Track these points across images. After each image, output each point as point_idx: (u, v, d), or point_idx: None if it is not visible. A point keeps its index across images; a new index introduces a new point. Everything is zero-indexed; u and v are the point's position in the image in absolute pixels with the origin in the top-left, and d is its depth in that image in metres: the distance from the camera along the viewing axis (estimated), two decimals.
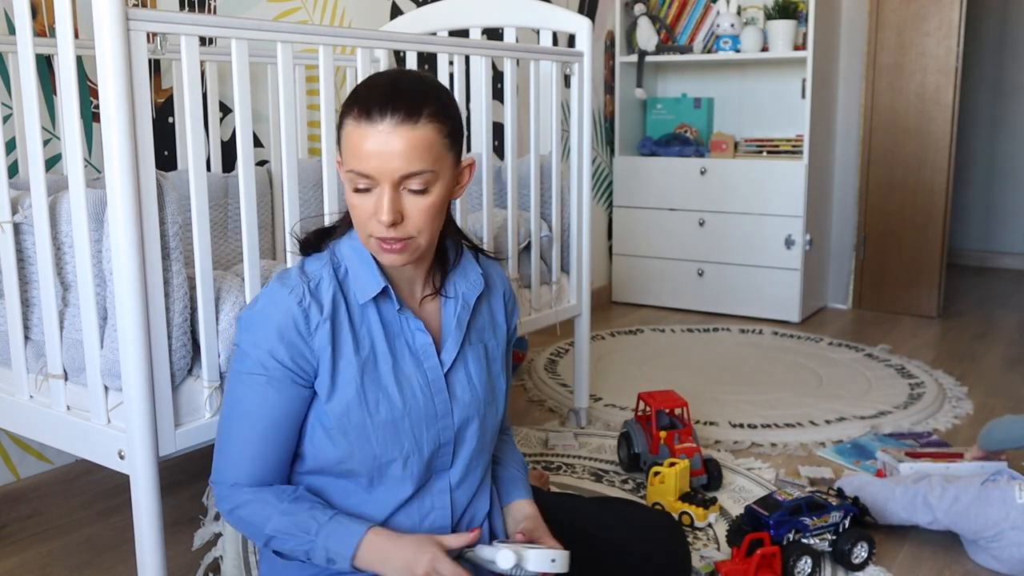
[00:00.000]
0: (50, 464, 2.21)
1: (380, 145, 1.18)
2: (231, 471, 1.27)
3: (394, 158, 1.18)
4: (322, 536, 1.21)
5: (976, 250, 5.61)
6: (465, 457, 1.35)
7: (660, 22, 4.23)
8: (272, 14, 2.66)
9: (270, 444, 1.26)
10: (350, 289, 1.28)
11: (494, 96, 3.35)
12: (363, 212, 1.22)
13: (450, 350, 1.34)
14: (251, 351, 1.24)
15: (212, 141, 2.35)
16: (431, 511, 1.33)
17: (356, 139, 1.20)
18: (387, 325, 1.30)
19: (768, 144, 4.10)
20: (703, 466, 2.22)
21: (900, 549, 1.96)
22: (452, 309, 1.35)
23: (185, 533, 1.98)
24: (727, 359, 3.42)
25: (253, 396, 1.24)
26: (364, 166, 1.19)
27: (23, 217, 1.61)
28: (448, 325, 1.34)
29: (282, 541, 1.24)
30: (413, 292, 1.34)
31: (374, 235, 1.22)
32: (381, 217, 1.19)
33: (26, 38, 1.50)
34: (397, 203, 1.20)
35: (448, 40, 2.05)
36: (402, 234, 1.21)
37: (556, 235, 2.51)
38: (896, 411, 2.83)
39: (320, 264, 1.29)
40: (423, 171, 1.20)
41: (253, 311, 1.26)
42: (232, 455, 1.27)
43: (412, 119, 1.18)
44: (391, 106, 1.18)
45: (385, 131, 1.18)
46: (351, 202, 1.24)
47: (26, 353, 1.66)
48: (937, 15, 3.91)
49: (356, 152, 1.20)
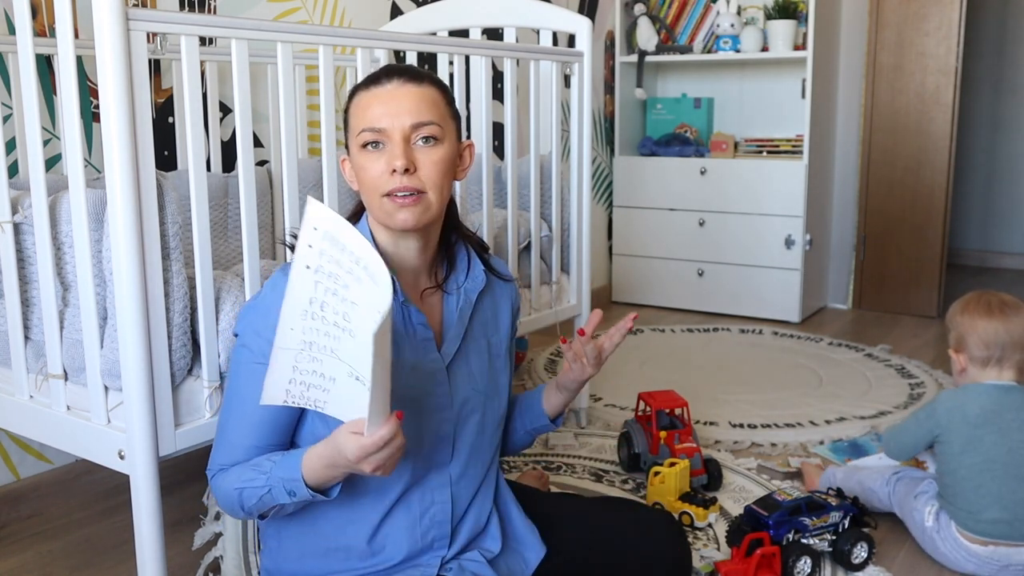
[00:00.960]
0: (50, 464, 2.21)
1: (389, 99, 1.24)
2: (226, 458, 1.28)
3: (403, 111, 1.24)
4: (275, 471, 1.21)
5: (976, 250, 5.61)
6: (465, 452, 1.35)
7: (660, 22, 4.23)
8: (272, 14, 2.66)
9: (266, 434, 1.26)
10: None
11: (494, 96, 3.35)
12: (374, 171, 1.24)
13: (452, 343, 1.34)
14: (251, 340, 1.25)
15: (212, 141, 2.35)
16: (431, 505, 1.33)
17: (365, 102, 1.26)
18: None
19: (768, 144, 4.10)
20: (703, 466, 2.22)
21: (900, 549, 1.96)
22: (454, 303, 1.36)
23: (185, 533, 1.97)
24: (727, 359, 3.42)
25: (252, 386, 1.23)
26: (375, 121, 1.23)
27: (23, 217, 1.61)
28: (450, 319, 1.35)
29: (249, 493, 1.23)
30: (416, 285, 1.34)
31: (387, 191, 1.23)
32: (395, 163, 1.22)
33: (26, 38, 1.50)
34: (409, 152, 1.24)
35: (448, 40, 2.05)
36: (415, 184, 1.23)
37: (556, 235, 2.51)
38: (896, 411, 2.83)
39: None
40: (431, 122, 1.25)
41: (256, 299, 1.27)
42: (228, 443, 1.28)
43: (416, 80, 1.26)
44: (396, 71, 1.27)
45: (392, 88, 1.25)
46: (360, 165, 1.26)
47: (26, 353, 1.66)
48: (937, 15, 3.91)
49: (365, 112, 1.25)
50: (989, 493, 1.78)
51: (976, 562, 1.81)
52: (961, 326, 1.92)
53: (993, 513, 1.78)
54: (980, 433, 1.82)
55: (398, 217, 1.24)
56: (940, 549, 1.86)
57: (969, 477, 1.80)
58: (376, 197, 1.25)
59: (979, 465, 1.80)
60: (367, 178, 1.25)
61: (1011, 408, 1.83)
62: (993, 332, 1.86)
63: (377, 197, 1.25)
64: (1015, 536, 1.78)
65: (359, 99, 1.27)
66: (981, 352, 1.88)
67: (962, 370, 1.94)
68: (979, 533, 1.79)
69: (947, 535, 1.84)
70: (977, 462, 1.80)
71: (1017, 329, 1.87)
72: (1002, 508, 1.77)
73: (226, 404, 1.29)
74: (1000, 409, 1.83)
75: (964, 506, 1.81)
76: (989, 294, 1.95)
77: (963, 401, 1.86)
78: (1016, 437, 1.80)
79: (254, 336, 1.25)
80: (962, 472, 1.81)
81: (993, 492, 1.78)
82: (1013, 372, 1.89)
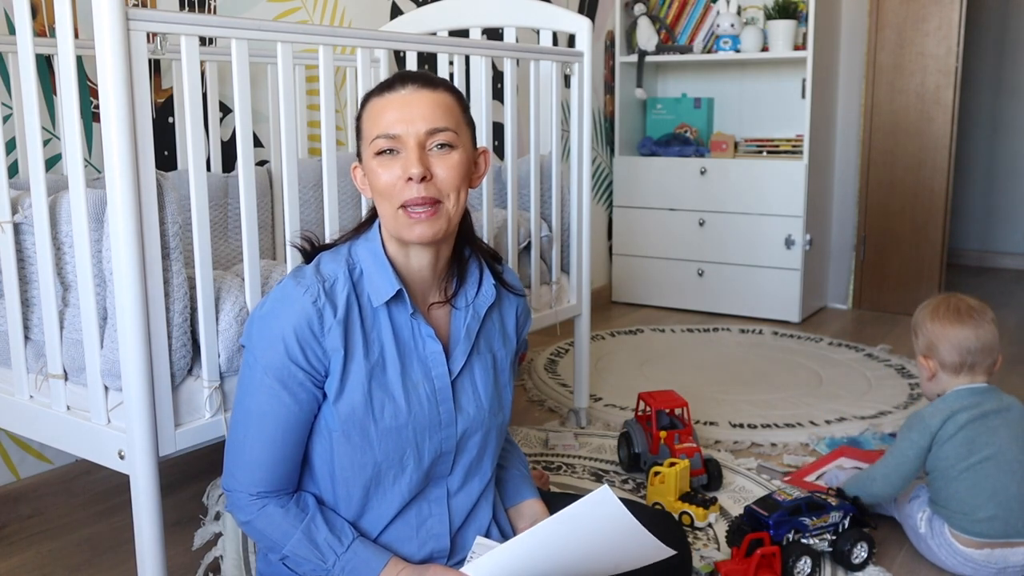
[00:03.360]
0: (50, 464, 2.21)
1: (403, 105, 1.22)
2: (247, 478, 1.25)
3: (417, 117, 1.22)
4: (338, 567, 1.22)
5: (976, 250, 5.61)
6: (464, 465, 1.34)
7: (660, 22, 4.23)
8: (272, 14, 2.66)
9: (285, 449, 1.25)
10: (364, 291, 1.26)
11: (494, 96, 3.35)
12: (389, 179, 1.22)
13: (458, 359, 1.32)
14: (263, 354, 1.23)
15: (212, 141, 2.35)
16: (428, 517, 1.32)
17: (379, 108, 1.24)
18: (398, 330, 1.28)
19: (768, 144, 4.10)
20: (703, 466, 2.22)
21: (900, 549, 1.96)
22: (462, 319, 1.34)
23: (185, 533, 1.97)
24: (727, 359, 3.42)
25: (267, 401, 1.23)
26: (389, 128, 1.22)
27: (23, 217, 1.61)
28: (457, 334, 1.33)
29: (297, 563, 1.24)
30: (426, 298, 1.33)
31: (403, 201, 1.21)
32: (411, 170, 1.20)
33: (26, 38, 1.50)
34: (425, 159, 1.22)
35: (448, 40, 2.05)
36: (432, 193, 1.21)
37: (556, 235, 2.51)
38: (896, 411, 2.83)
39: (336, 264, 1.27)
40: (446, 128, 1.23)
41: (265, 311, 1.25)
42: (247, 462, 1.25)
43: (431, 86, 1.25)
44: (411, 77, 1.25)
45: (407, 94, 1.23)
46: (374, 172, 1.24)
47: (26, 353, 1.66)
48: (937, 15, 3.91)
49: (379, 119, 1.23)
50: (983, 491, 1.79)
51: (973, 566, 1.81)
52: (932, 333, 1.92)
53: (988, 511, 1.78)
54: (970, 435, 1.82)
55: (415, 231, 1.22)
56: (936, 553, 1.86)
57: (962, 477, 1.81)
58: (391, 208, 1.23)
59: (972, 465, 1.80)
60: (381, 186, 1.23)
61: (992, 408, 1.85)
62: (965, 339, 1.87)
63: (392, 208, 1.23)
64: (1010, 534, 1.78)
65: (372, 105, 1.25)
66: (954, 359, 1.89)
67: (932, 376, 1.94)
68: (974, 534, 1.80)
69: (941, 541, 1.84)
70: (971, 463, 1.81)
71: (986, 335, 1.88)
72: (996, 505, 1.78)
73: (239, 421, 1.26)
74: (983, 410, 1.84)
75: (958, 508, 1.82)
76: (956, 298, 1.94)
77: (948, 407, 1.86)
78: (1003, 435, 1.82)
79: (266, 350, 1.22)
80: (953, 473, 1.82)
81: (987, 490, 1.79)
82: (984, 376, 1.90)
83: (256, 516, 1.26)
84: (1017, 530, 1.78)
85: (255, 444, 1.24)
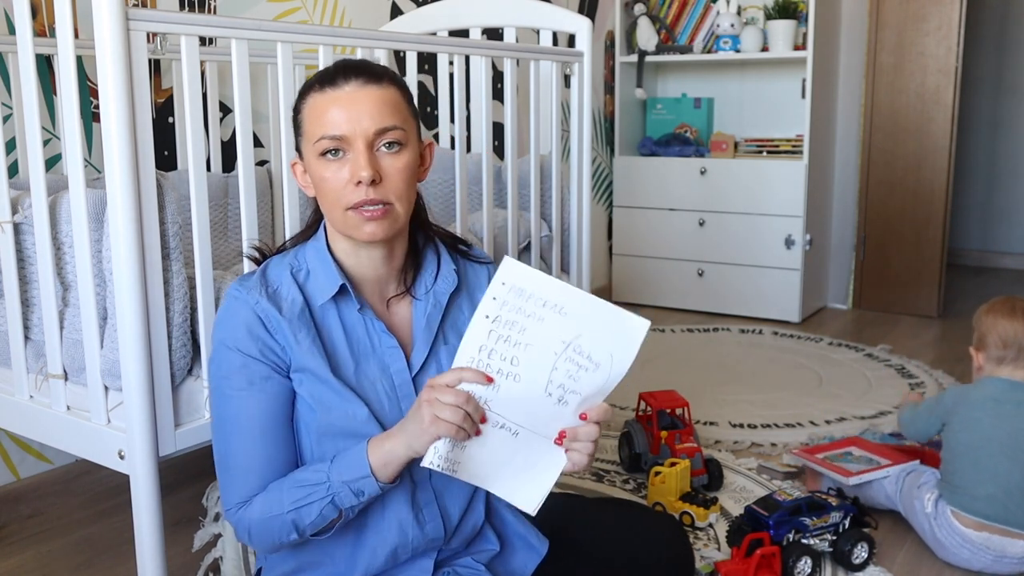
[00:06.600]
0: (50, 464, 2.21)
1: (349, 104, 1.15)
2: (242, 489, 1.21)
3: (364, 115, 1.15)
4: (334, 477, 1.15)
5: (976, 250, 5.61)
6: None
7: (660, 22, 4.23)
8: (272, 14, 2.66)
9: (269, 448, 1.20)
10: (310, 292, 1.23)
11: (494, 96, 3.34)
12: (336, 182, 1.16)
13: (420, 352, 1.26)
14: (224, 355, 1.20)
15: (212, 141, 2.35)
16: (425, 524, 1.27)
17: (322, 106, 1.17)
18: (348, 328, 1.23)
19: (768, 144, 4.10)
20: (704, 466, 2.22)
21: (900, 549, 1.96)
22: (423, 309, 1.28)
23: (185, 533, 1.97)
24: (727, 359, 3.42)
25: (239, 403, 1.19)
26: (334, 128, 1.15)
27: (23, 217, 1.61)
28: (418, 326, 1.27)
29: (306, 511, 1.16)
30: (384, 293, 1.28)
31: (352, 203, 1.16)
32: (360, 174, 1.14)
33: (26, 38, 1.50)
34: (374, 161, 1.16)
35: (448, 40, 2.05)
36: (381, 195, 1.16)
37: (556, 235, 2.51)
38: (896, 411, 2.82)
39: (280, 269, 1.24)
40: (395, 126, 1.17)
41: (216, 321, 1.22)
42: (238, 471, 1.21)
43: (376, 81, 1.18)
44: (354, 71, 1.18)
45: (351, 91, 1.16)
46: (321, 175, 1.18)
47: (26, 353, 1.66)
48: (937, 15, 3.91)
49: (323, 118, 1.16)
50: (985, 469, 1.85)
51: (971, 549, 1.84)
52: (984, 325, 2.00)
53: (988, 488, 1.84)
54: (978, 415, 1.90)
55: (365, 230, 1.17)
56: (936, 536, 1.90)
57: (966, 453, 1.88)
58: (339, 209, 1.18)
59: (975, 442, 1.88)
60: (328, 189, 1.17)
61: (1013, 401, 1.90)
62: (1012, 332, 1.94)
63: (340, 210, 1.18)
64: (1009, 520, 1.82)
65: (314, 102, 1.17)
66: (998, 350, 1.95)
67: (979, 368, 2.01)
68: (974, 513, 1.84)
69: (943, 521, 1.89)
70: (974, 439, 1.88)
71: None
72: (996, 484, 1.84)
73: (220, 432, 1.22)
74: (1003, 399, 1.90)
75: (961, 483, 1.88)
76: (1017, 299, 2.02)
77: (969, 389, 1.97)
78: (1013, 423, 1.88)
79: (225, 350, 1.19)
80: (960, 448, 1.90)
81: (989, 468, 1.85)
82: None
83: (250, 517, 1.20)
84: (1017, 519, 1.82)
85: (239, 450, 1.20)
